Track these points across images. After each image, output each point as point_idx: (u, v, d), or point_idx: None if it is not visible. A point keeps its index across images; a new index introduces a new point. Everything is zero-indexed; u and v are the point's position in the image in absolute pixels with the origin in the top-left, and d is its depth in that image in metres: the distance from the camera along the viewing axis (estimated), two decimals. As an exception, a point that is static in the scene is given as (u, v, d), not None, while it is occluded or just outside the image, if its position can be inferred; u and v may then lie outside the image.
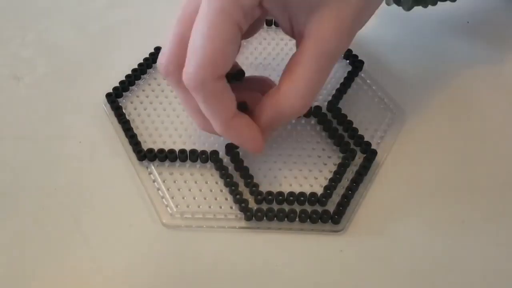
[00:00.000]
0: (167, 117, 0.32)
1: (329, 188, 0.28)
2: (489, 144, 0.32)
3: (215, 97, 0.25)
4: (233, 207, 0.28)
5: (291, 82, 0.26)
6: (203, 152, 0.30)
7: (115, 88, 0.33)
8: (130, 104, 0.33)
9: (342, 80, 0.34)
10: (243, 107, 0.27)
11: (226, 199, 0.29)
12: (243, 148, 0.28)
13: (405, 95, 0.34)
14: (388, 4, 0.35)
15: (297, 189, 0.29)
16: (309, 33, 0.25)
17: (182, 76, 0.24)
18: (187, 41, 0.24)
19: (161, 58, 0.26)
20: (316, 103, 0.33)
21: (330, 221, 0.28)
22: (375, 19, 0.39)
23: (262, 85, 0.30)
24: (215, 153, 0.30)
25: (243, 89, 0.28)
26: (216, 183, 0.29)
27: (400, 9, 0.34)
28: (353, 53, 0.36)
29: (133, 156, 0.30)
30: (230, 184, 0.28)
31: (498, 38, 0.39)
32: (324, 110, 0.32)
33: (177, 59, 0.25)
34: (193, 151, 0.30)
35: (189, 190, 0.29)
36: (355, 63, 0.35)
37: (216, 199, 0.29)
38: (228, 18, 0.23)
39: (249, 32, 0.29)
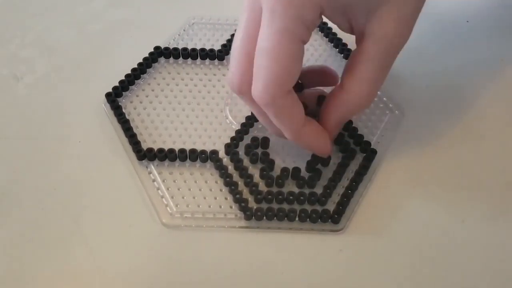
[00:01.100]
0: (167, 116, 0.32)
1: (329, 188, 0.28)
2: (489, 143, 0.32)
3: (285, 111, 0.25)
4: (233, 207, 0.28)
5: (355, 81, 0.26)
6: (203, 151, 0.30)
7: (114, 88, 0.33)
8: (130, 104, 0.33)
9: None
10: (299, 88, 0.29)
11: (226, 198, 0.29)
12: (315, 152, 0.29)
13: (405, 94, 0.34)
14: None
15: (296, 189, 0.29)
16: (370, 33, 0.25)
17: (252, 94, 0.25)
18: (252, 59, 0.25)
19: (233, 78, 0.26)
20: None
21: (329, 220, 0.28)
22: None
23: (323, 76, 0.31)
24: (214, 152, 0.30)
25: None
26: (216, 182, 0.29)
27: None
28: (353, 52, 0.36)
29: (133, 155, 0.30)
30: (230, 184, 0.28)
31: (498, 37, 0.39)
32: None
33: (248, 77, 0.26)
34: (192, 151, 0.30)
35: (189, 189, 0.29)
36: (355, 63, 0.35)
37: (215, 198, 0.29)
38: (292, 38, 0.24)
39: None
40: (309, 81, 0.30)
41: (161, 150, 0.30)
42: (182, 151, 0.30)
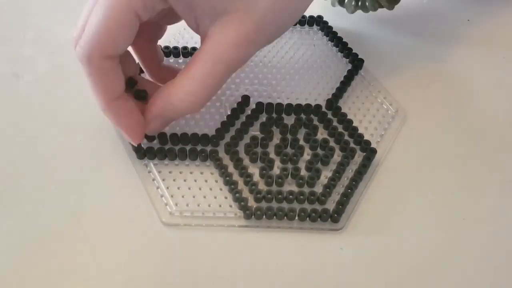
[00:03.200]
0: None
1: (329, 187, 0.28)
2: (489, 142, 0.32)
3: (99, 75, 0.25)
4: (233, 206, 0.28)
5: (185, 77, 0.26)
6: (203, 150, 0.30)
7: (115, 87, 0.33)
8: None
9: (342, 79, 0.34)
10: (140, 95, 0.29)
11: (226, 197, 0.29)
12: (122, 133, 0.28)
13: (405, 93, 0.34)
14: (333, 5, 0.35)
15: (296, 188, 0.29)
16: (210, 38, 0.26)
17: (75, 48, 0.25)
18: None
19: (74, 32, 0.27)
20: (316, 102, 0.33)
21: (329, 219, 0.28)
22: (375, 18, 0.39)
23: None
24: (214, 151, 0.30)
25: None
26: (216, 181, 0.29)
27: (399, 8, 0.34)
28: (353, 51, 0.36)
29: (133, 154, 0.30)
30: (230, 183, 0.28)
31: (499, 37, 0.39)
32: (324, 108, 0.32)
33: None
34: (192, 150, 0.30)
35: (189, 188, 0.29)
36: (355, 62, 0.35)
37: (215, 197, 0.29)
38: (125, 4, 0.24)
39: (160, 25, 0.30)
40: (165, 78, 0.30)
41: (161, 149, 0.30)
42: (182, 150, 0.30)
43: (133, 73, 0.30)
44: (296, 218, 0.28)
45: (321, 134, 0.32)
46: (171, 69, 0.33)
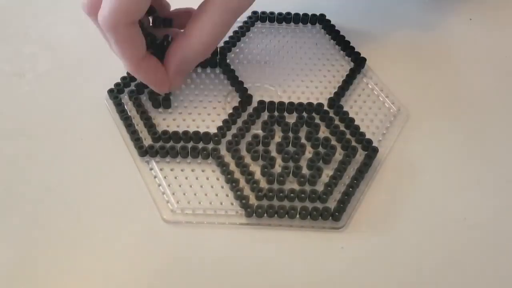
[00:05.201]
0: (169, 113, 0.32)
1: (330, 185, 0.28)
2: (491, 141, 0.32)
3: (126, 40, 0.27)
4: (234, 204, 0.28)
5: (196, 27, 0.28)
6: (204, 148, 0.30)
7: (116, 84, 0.33)
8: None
9: (344, 78, 0.34)
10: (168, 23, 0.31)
11: (227, 195, 0.29)
12: (152, 87, 0.31)
13: (407, 92, 0.34)
14: None
15: (297, 186, 0.29)
16: None
17: (98, 18, 0.27)
18: None
19: None
20: (318, 100, 0.33)
21: (330, 218, 0.28)
22: (377, 17, 0.39)
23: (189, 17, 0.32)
24: (216, 149, 0.30)
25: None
26: (217, 179, 0.29)
27: (402, 7, 0.34)
28: (356, 50, 0.36)
29: (135, 151, 0.30)
30: (231, 181, 0.28)
31: (501, 36, 0.39)
32: (326, 107, 0.32)
33: (97, 1, 0.27)
34: (194, 147, 0.30)
35: (190, 186, 0.29)
36: (357, 61, 0.35)
37: (217, 195, 0.29)
38: None
39: None
40: (179, 22, 0.32)
41: (162, 147, 0.30)
42: (183, 147, 0.30)
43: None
44: (297, 216, 0.28)
45: (323, 132, 0.32)
46: (180, 13, 0.33)
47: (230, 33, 0.37)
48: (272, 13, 0.38)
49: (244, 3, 0.28)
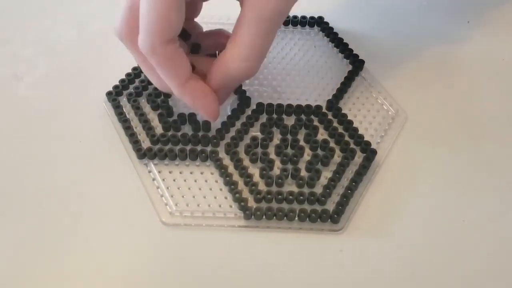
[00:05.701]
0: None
1: (329, 188, 0.28)
2: (490, 144, 0.32)
3: (167, 61, 0.26)
4: (232, 206, 0.28)
5: (235, 45, 0.27)
6: (203, 150, 0.30)
7: (115, 87, 0.33)
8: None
9: (342, 80, 0.34)
10: (196, 49, 0.30)
11: (226, 197, 0.29)
12: (199, 113, 0.29)
13: (405, 94, 0.34)
14: None
15: (296, 188, 0.29)
16: None
17: (138, 43, 0.26)
18: (136, 9, 0.26)
19: (116, 24, 0.28)
20: (316, 103, 0.33)
21: (329, 220, 0.28)
22: (376, 19, 0.39)
23: (219, 38, 0.31)
24: (214, 152, 0.30)
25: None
26: (216, 181, 0.29)
27: (401, 8, 0.34)
28: (354, 52, 0.36)
29: (133, 154, 0.30)
30: (230, 183, 0.28)
31: (500, 39, 0.39)
32: (324, 109, 0.32)
33: (129, 25, 0.27)
34: (192, 150, 0.30)
35: (189, 188, 0.29)
36: (356, 63, 0.35)
37: (215, 197, 0.29)
38: None
39: (196, 2, 0.31)
40: (208, 44, 0.31)
41: (161, 149, 0.30)
42: (182, 150, 0.30)
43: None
44: (296, 218, 0.28)
45: (321, 134, 0.32)
46: (214, 35, 0.32)
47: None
48: (270, 15, 0.38)
49: (280, 8, 0.26)
